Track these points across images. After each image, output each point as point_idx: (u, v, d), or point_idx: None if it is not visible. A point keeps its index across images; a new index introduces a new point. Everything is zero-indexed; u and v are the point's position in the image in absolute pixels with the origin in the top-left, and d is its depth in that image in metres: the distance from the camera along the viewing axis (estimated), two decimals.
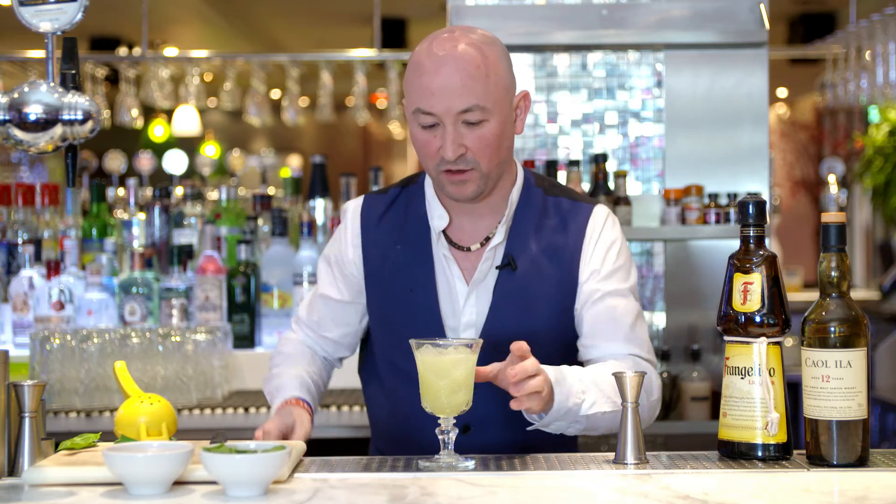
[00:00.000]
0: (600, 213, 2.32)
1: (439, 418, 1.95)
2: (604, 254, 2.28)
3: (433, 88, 2.14)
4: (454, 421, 1.95)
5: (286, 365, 2.38)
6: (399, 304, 2.30)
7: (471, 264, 2.28)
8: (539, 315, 2.24)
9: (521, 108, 2.25)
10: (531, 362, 1.98)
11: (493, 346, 2.16)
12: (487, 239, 2.28)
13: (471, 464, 1.93)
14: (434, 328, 2.26)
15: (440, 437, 1.95)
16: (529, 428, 2.12)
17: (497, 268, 2.26)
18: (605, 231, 2.30)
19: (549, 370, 2.06)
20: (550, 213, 2.30)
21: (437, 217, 2.29)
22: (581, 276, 2.27)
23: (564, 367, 2.12)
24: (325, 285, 2.41)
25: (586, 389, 2.11)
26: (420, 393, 1.97)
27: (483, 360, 2.03)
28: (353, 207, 2.39)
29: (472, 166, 2.18)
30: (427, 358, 1.94)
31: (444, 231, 2.29)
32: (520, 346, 1.99)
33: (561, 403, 2.06)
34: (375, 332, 2.39)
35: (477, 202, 2.26)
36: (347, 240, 2.37)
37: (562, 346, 2.28)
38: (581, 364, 2.30)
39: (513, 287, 2.26)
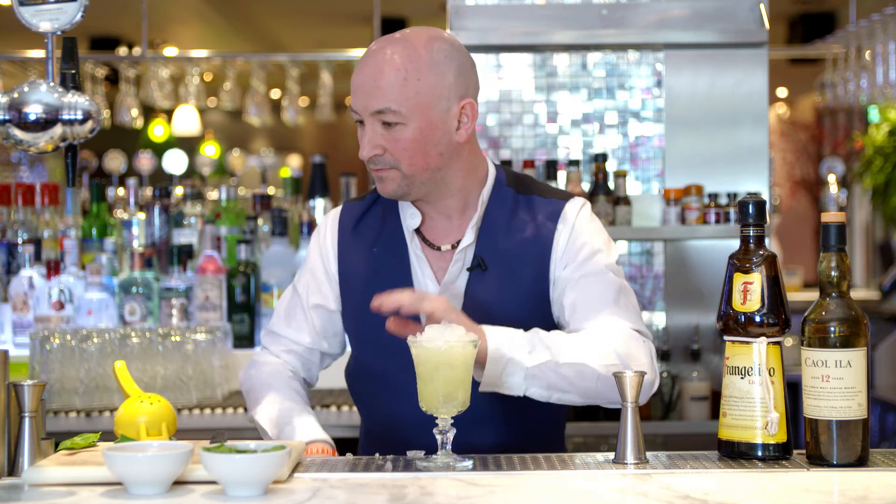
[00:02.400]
0: (572, 207, 2.29)
1: (436, 418, 1.95)
2: (577, 240, 2.25)
3: (355, 86, 2.19)
4: (452, 421, 1.95)
5: (291, 401, 2.34)
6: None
7: (443, 265, 2.28)
8: (512, 315, 2.19)
9: (468, 116, 2.21)
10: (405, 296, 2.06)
11: None
12: (459, 241, 2.27)
13: (469, 463, 1.93)
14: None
15: (438, 437, 1.94)
16: (480, 389, 2.09)
17: (468, 269, 2.25)
18: (578, 220, 2.27)
19: (489, 326, 2.09)
20: (522, 213, 2.28)
21: (410, 216, 2.29)
22: (555, 267, 2.25)
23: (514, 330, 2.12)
24: (314, 295, 2.38)
25: (534, 340, 2.09)
26: (417, 392, 1.97)
27: None
28: (332, 216, 2.40)
29: (391, 166, 2.19)
30: (424, 355, 1.93)
31: (418, 230, 2.29)
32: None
33: (497, 350, 2.06)
34: (352, 336, 2.38)
35: (433, 202, 2.26)
36: (327, 248, 2.36)
37: None
38: None
39: (484, 288, 2.24)
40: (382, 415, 2.31)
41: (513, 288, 2.24)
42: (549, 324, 2.25)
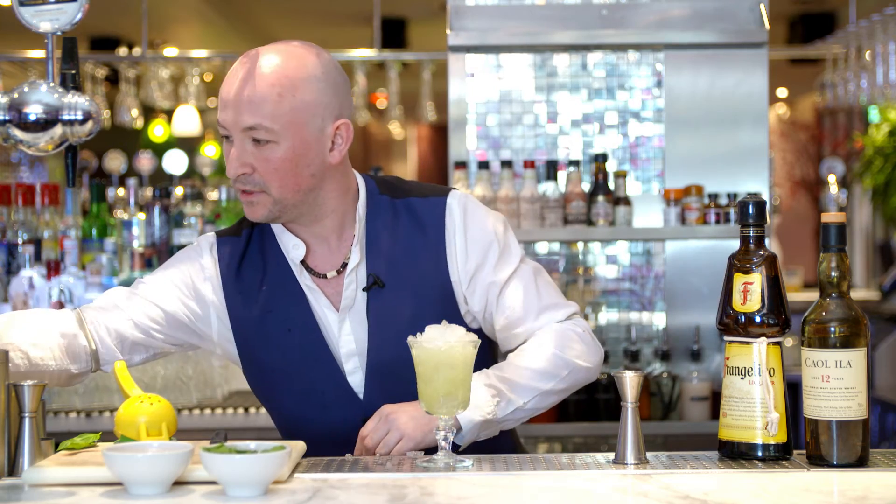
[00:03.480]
0: (454, 203, 2.20)
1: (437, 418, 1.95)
2: (477, 244, 2.18)
3: (225, 98, 2.07)
4: (452, 421, 1.95)
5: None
6: (279, 350, 2.17)
7: (336, 290, 2.17)
8: (420, 327, 2.00)
9: (342, 137, 2.11)
10: (371, 423, 2.04)
11: (381, 370, 2.14)
12: (345, 265, 2.17)
13: (469, 463, 1.93)
14: (325, 362, 2.17)
15: (439, 437, 1.94)
16: (461, 449, 2.09)
17: (364, 289, 2.16)
18: (468, 219, 2.19)
19: None
20: (403, 218, 2.18)
21: (293, 247, 2.17)
22: (463, 276, 2.17)
23: (475, 376, 2.04)
24: (155, 293, 2.20)
25: (497, 393, 2.10)
26: (418, 392, 1.97)
27: (376, 385, 2.07)
28: (206, 249, 2.22)
29: (260, 188, 2.08)
30: (424, 355, 1.93)
31: (302, 261, 2.17)
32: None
33: (471, 422, 2.06)
34: (261, 386, 2.25)
35: (308, 225, 2.15)
36: (205, 287, 2.20)
37: None
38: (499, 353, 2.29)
39: (386, 306, 2.15)
40: (322, 448, 2.17)
41: (415, 299, 2.15)
42: (460, 322, 2.18)
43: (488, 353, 2.28)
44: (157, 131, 8.85)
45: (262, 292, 2.18)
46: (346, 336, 2.17)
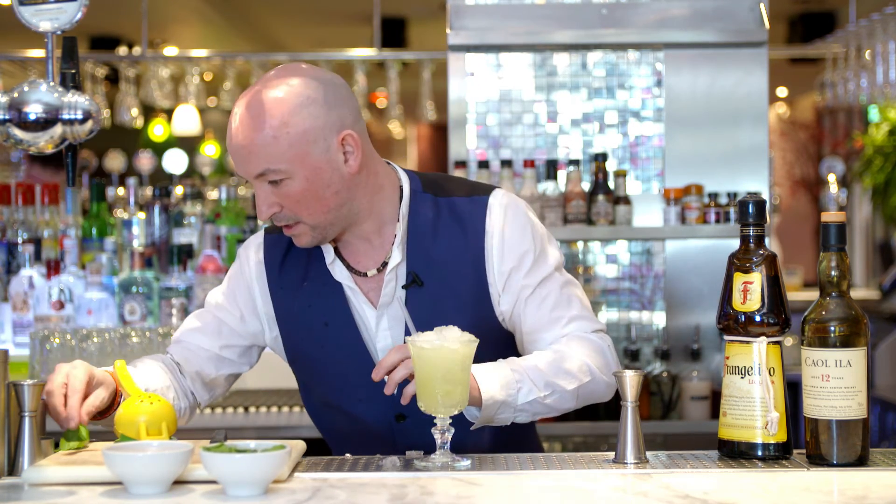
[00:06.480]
0: (496, 204, 2.21)
1: (435, 418, 1.95)
2: (515, 247, 2.19)
3: (231, 152, 2.11)
4: (450, 421, 1.95)
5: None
6: (318, 342, 2.23)
7: (375, 288, 2.21)
8: (463, 323, 2.04)
9: (352, 146, 2.11)
10: (389, 356, 1.99)
11: None
12: (385, 264, 2.20)
13: (468, 463, 1.93)
14: (359, 358, 2.20)
15: (437, 436, 1.94)
16: (473, 428, 2.10)
17: (403, 287, 2.18)
18: (507, 220, 2.20)
19: (479, 366, 2.05)
20: (444, 218, 2.20)
21: (325, 249, 2.22)
22: (497, 277, 2.19)
23: (500, 361, 2.10)
24: (224, 313, 2.30)
25: (521, 378, 2.09)
26: (416, 393, 1.97)
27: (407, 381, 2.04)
28: (254, 254, 2.30)
29: (295, 220, 2.12)
30: (422, 355, 1.93)
31: (342, 258, 2.22)
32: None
33: (492, 398, 2.05)
34: (302, 375, 2.32)
35: (350, 238, 2.20)
36: (253, 285, 2.28)
37: (490, 351, 2.15)
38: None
39: (424, 303, 2.17)
40: (355, 443, 2.26)
41: (453, 299, 2.18)
42: (495, 327, 2.22)
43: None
44: (157, 131, 8.85)
45: (304, 287, 2.23)
46: (384, 332, 2.20)
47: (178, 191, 4.51)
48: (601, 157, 3.83)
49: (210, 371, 2.30)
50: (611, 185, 3.85)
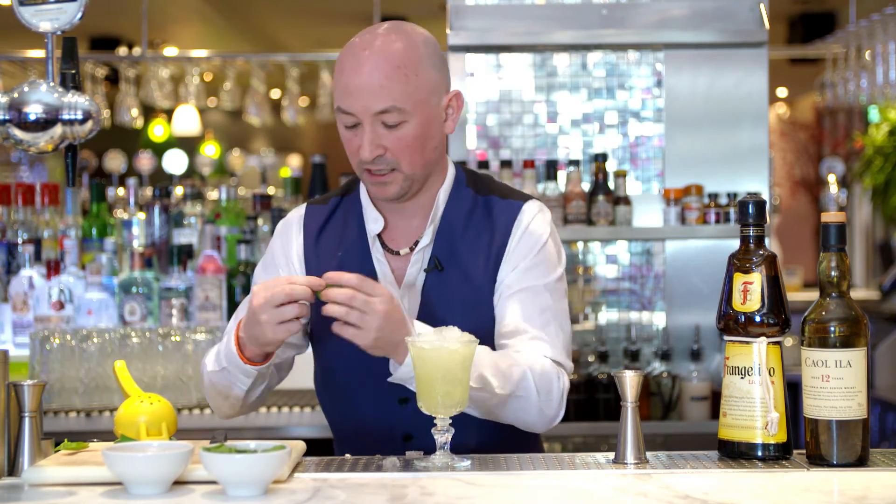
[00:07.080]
0: (529, 210, 2.27)
1: (434, 418, 1.95)
2: (526, 248, 2.23)
3: (351, 88, 2.13)
4: (450, 421, 1.95)
5: None
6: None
7: (402, 266, 2.25)
8: (469, 316, 2.16)
9: (454, 107, 2.22)
10: (351, 280, 1.97)
11: None
12: (416, 242, 2.25)
13: (468, 463, 1.93)
14: None
15: (437, 437, 1.94)
16: (390, 379, 2.06)
17: (424, 270, 2.23)
18: (532, 225, 2.25)
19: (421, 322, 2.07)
20: (479, 213, 2.26)
21: (373, 221, 2.26)
22: (502, 271, 2.23)
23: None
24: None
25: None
26: (416, 393, 1.97)
27: None
28: (296, 221, 2.33)
29: (392, 167, 2.16)
30: (422, 355, 1.93)
31: (379, 235, 2.26)
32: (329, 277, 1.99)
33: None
34: (316, 342, 2.32)
35: (403, 202, 2.24)
36: (292, 254, 2.30)
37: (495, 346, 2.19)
38: None
39: (441, 289, 2.21)
40: (351, 422, 2.27)
41: (467, 290, 2.21)
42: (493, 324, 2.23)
43: None
44: (157, 131, 8.85)
45: (338, 258, 2.26)
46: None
47: (178, 191, 4.51)
48: (601, 158, 3.83)
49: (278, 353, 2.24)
50: (611, 185, 3.85)
